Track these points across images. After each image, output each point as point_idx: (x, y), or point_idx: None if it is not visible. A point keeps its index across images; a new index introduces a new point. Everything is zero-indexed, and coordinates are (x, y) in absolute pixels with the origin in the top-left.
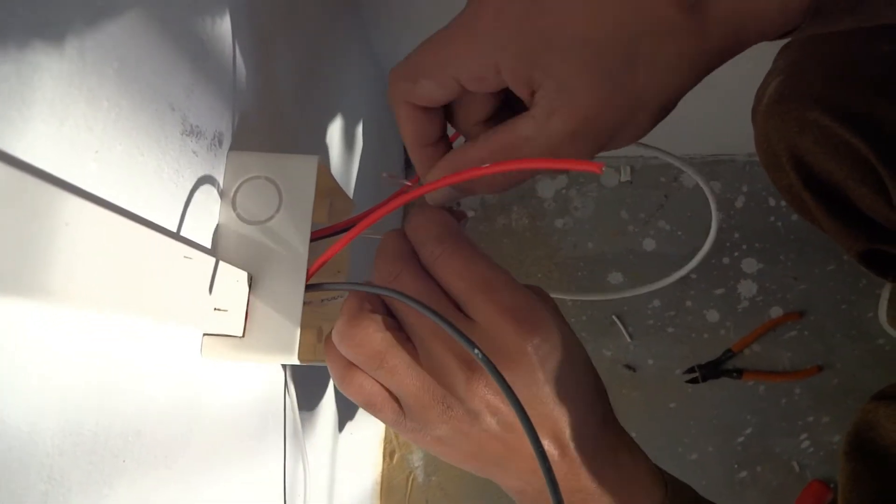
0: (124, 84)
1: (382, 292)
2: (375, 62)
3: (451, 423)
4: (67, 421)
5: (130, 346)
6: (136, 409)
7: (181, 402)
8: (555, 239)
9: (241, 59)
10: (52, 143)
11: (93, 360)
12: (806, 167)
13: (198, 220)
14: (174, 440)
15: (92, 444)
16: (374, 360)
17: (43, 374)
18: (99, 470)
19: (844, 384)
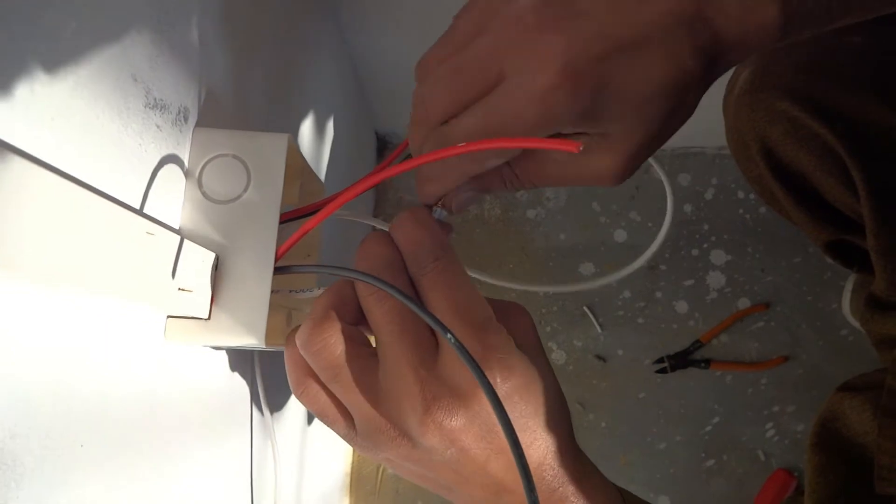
0: (82, 48)
1: (360, 277)
2: (348, 50)
3: (400, 450)
4: (19, 404)
5: (91, 328)
6: (96, 393)
7: (144, 387)
8: (527, 229)
9: (208, 33)
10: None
11: (49, 341)
12: (775, 158)
13: (161, 198)
14: (136, 425)
15: (47, 428)
16: (330, 371)
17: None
18: (55, 455)
19: (809, 374)
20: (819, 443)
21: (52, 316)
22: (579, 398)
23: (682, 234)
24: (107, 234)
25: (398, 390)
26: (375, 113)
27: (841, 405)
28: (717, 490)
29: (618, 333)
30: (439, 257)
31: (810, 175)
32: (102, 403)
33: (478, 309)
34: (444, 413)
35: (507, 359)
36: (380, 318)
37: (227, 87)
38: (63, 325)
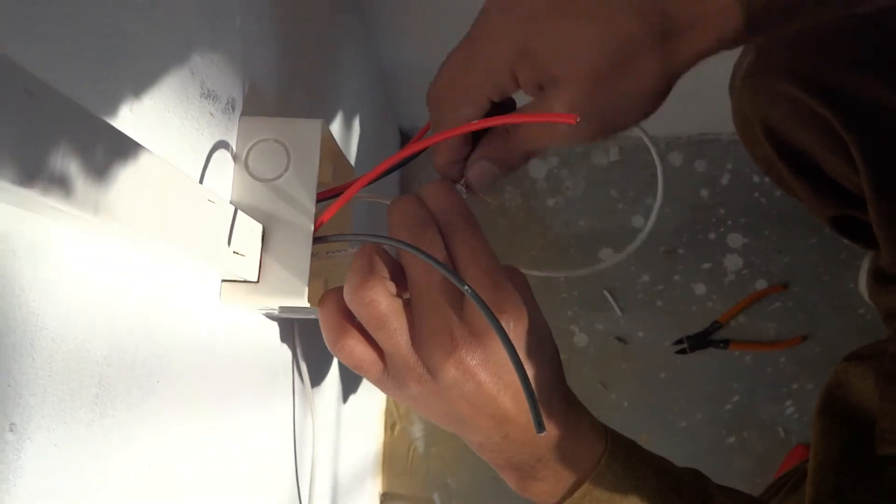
0: (153, 47)
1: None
2: (374, 50)
3: (425, 385)
4: (112, 340)
5: (162, 287)
6: (167, 341)
7: (203, 343)
8: (547, 217)
9: (252, 32)
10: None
11: (131, 295)
12: (779, 138)
13: (215, 176)
14: (197, 373)
15: (132, 362)
16: (379, 321)
17: (88, 298)
18: (138, 385)
19: (827, 353)
20: (824, 408)
21: (138, 273)
22: (601, 379)
23: (699, 219)
24: (180, 197)
25: (431, 333)
26: (399, 110)
27: (846, 373)
28: (738, 466)
29: (638, 316)
30: (468, 221)
31: (813, 153)
32: (172, 349)
33: (495, 266)
34: (466, 351)
35: (516, 307)
36: (417, 270)
37: (267, 80)
38: (146, 281)
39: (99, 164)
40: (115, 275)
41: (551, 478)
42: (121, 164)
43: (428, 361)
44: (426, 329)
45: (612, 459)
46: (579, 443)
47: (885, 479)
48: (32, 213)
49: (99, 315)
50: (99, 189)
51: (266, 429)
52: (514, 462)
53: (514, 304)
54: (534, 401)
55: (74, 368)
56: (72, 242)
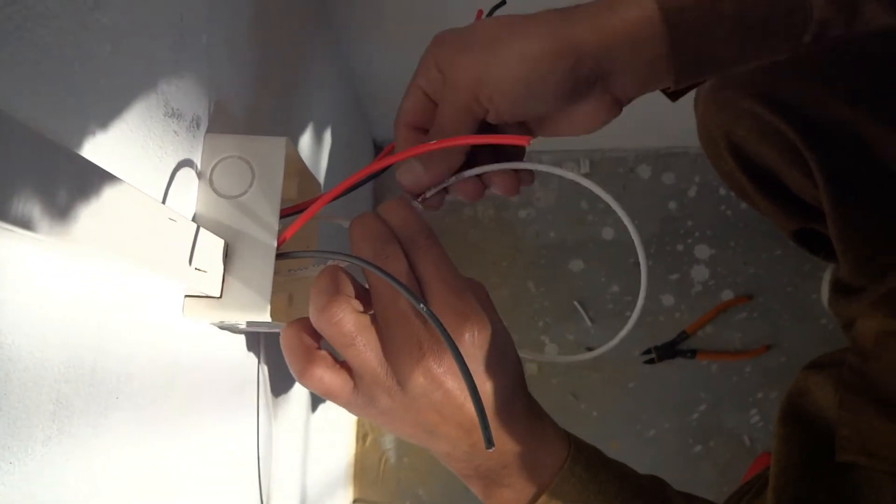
0: (115, 66)
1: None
2: (346, 63)
3: (394, 397)
4: (70, 355)
5: (125, 302)
6: (128, 355)
7: (165, 357)
8: (519, 229)
9: (217, 50)
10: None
11: (93, 309)
12: (742, 153)
13: (179, 193)
14: (159, 388)
15: (91, 377)
16: (347, 339)
17: (49, 313)
18: (97, 401)
19: (791, 362)
20: (785, 416)
21: (98, 288)
22: (571, 389)
23: (667, 230)
24: (140, 217)
25: (398, 344)
26: (372, 121)
27: (806, 381)
28: (705, 475)
29: (607, 326)
30: (429, 236)
31: (774, 168)
32: (132, 365)
33: (458, 279)
34: (433, 359)
35: (478, 318)
36: (381, 286)
37: (233, 97)
38: (106, 297)
39: (56, 188)
40: (73, 290)
41: (516, 484)
42: (79, 186)
43: (397, 372)
44: (394, 341)
45: (574, 464)
46: (543, 449)
47: (844, 487)
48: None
49: (57, 331)
50: (55, 211)
51: (231, 442)
52: (480, 471)
53: (475, 315)
54: (483, 416)
55: (31, 386)
56: (28, 259)
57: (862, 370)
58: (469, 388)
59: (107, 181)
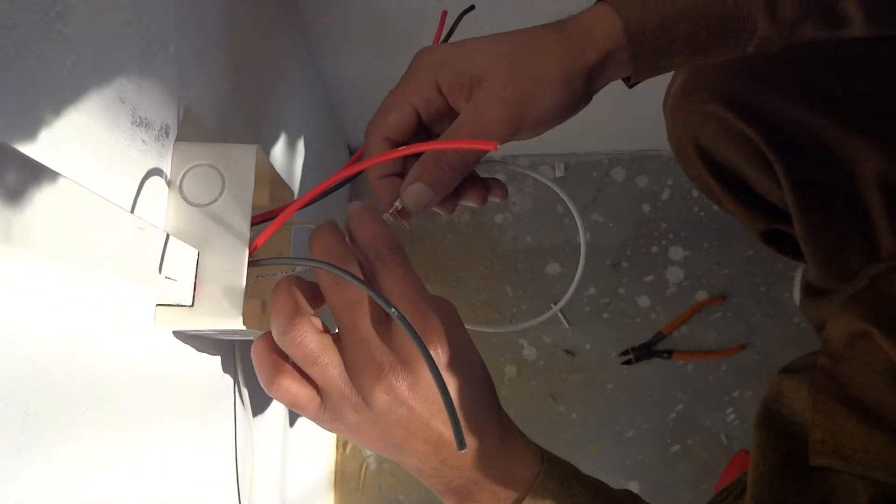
0: (80, 77)
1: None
2: (318, 70)
3: (360, 414)
4: (39, 365)
5: (95, 311)
6: (98, 364)
7: (137, 366)
8: (495, 233)
9: (187, 58)
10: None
11: (63, 318)
12: (709, 156)
13: (149, 202)
14: (131, 397)
15: (59, 387)
16: (310, 358)
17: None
18: (67, 411)
19: (765, 360)
20: (761, 421)
21: (65, 304)
22: (550, 391)
23: (641, 233)
24: (107, 227)
25: (359, 362)
26: (346, 127)
27: (781, 386)
28: (683, 473)
29: (585, 328)
30: (395, 252)
31: (741, 171)
32: (103, 374)
33: (423, 295)
34: (395, 376)
35: (443, 335)
36: (342, 304)
37: (204, 105)
38: (73, 311)
39: (21, 198)
40: (43, 299)
41: (489, 499)
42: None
43: (360, 390)
44: (355, 360)
45: (547, 478)
46: (515, 463)
47: (819, 491)
48: None
49: (26, 341)
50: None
51: (207, 451)
52: (452, 486)
53: (441, 332)
54: (455, 417)
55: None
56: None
57: (833, 372)
58: (440, 389)
59: (72, 191)
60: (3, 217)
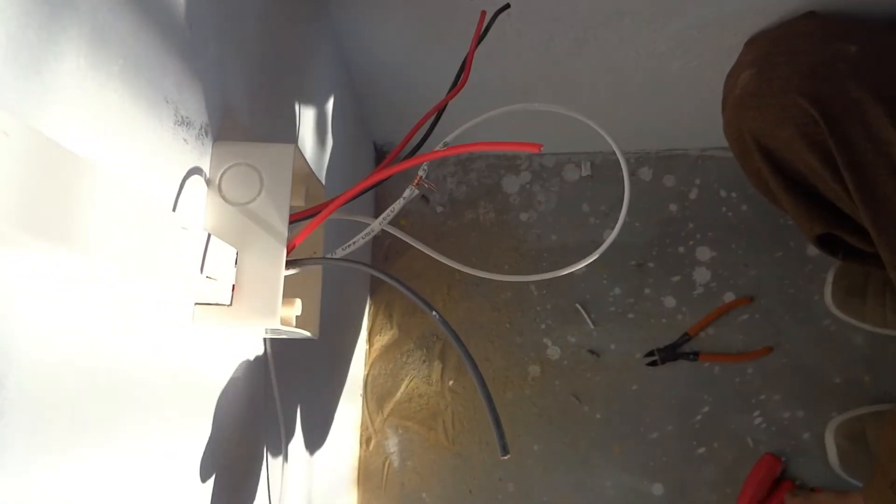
0: (127, 79)
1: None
2: (346, 68)
3: None
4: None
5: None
6: (141, 363)
7: (177, 363)
8: (520, 232)
9: (224, 58)
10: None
11: (107, 318)
12: (776, 156)
13: (189, 201)
14: (171, 394)
15: (105, 388)
16: None
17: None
18: (112, 410)
19: (793, 363)
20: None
21: (109, 304)
22: (574, 391)
23: (668, 233)
24: (152, 226)
25: None
26: (372, 125)
27: None
28: (708, 476)
29: (610, 329)
30: None
31: (811, 173)
32: (146, 372)
33: None
34: None
35: None
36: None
37: (240, 104)
38: (117, 311)
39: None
40: (88, 302)
41: None
42: (93, 197)
43: None
44: None
45: None
46: None
47: None
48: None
49: (73, 342)
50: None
51: (240, 446)
52: None
53: None
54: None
55: (48, 400)
56: (45, 271)
57: None
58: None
59: (120, 191)
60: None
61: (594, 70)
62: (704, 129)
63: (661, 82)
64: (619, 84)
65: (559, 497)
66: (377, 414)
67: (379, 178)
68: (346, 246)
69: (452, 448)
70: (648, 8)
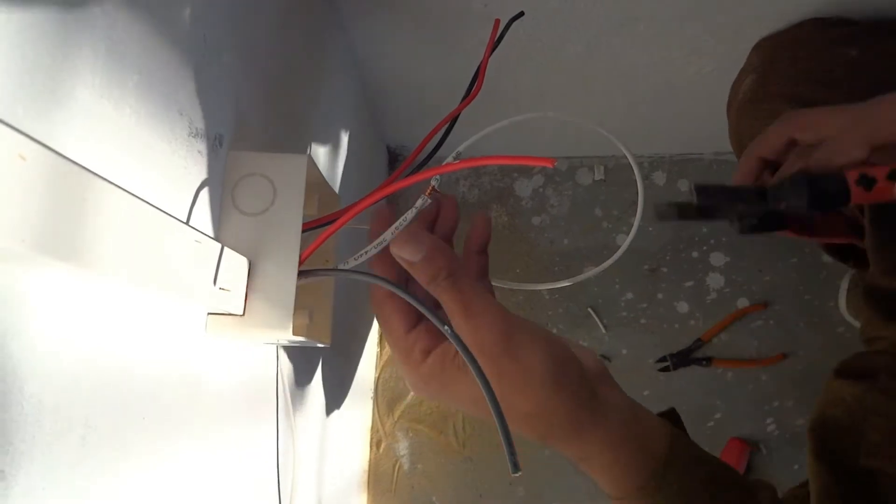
0: (141, 93)
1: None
2: (359, 73)
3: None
4: (98, 379)
5: (147, 321)
6: (153, 375)
7: (189, 375)
8: (532, 236)
9: (237, 68)
10: (87, 143)
11: (121, 331)
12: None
13: (203, 211)
14: (183, 406)
15: (118, 400)
16: None
17: (76, 337)
18: (124, 423)
19: (807, 370)
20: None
21: (121, 317)
22: None
23: (682, 237)
24: (166, 241)
25: None
26: (385, 129)
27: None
28: None
29: (621, 334)
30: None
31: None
32: (158, 385)
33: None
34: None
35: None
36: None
37: (254, 113)
38: (128, 324)
39: (84, 215)
40: (102, 315)
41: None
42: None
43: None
44: None
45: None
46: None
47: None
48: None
49: (86, 354)
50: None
51: (250, 454)
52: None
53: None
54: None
55: (62, 412)
56: (60, 286)
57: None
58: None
59: (135, 205)
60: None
61: (608, 75)
62: (719, 133)
63: (676, 87)
64: (633, 89)
65: (569, 502)
66: (388, 417)
67: (391, 190)
68: (357, 255)
69: (463, 452)
70: (662, 13)
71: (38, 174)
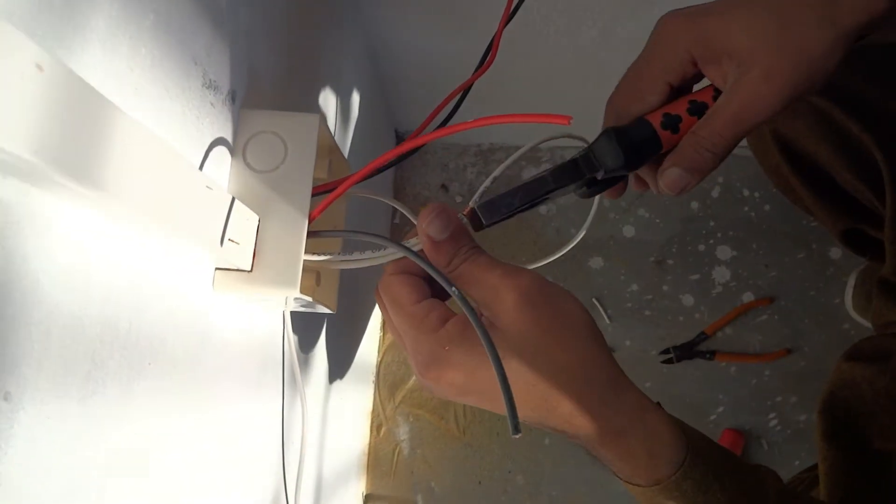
0: (158, 35)
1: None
2: (370, 53)
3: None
4: (107, 316)
5: (158, 268)
6: (161, 321)
7: (196, 328)
8: (539, 224)
9: (254, 25)
10: (102, 75)
11: (130, 272)
12: (794, 150)
13: (213, 165)
14: (188, 358)
15: (125, 340)
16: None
17: (89, 273)
18: (129, 365)
19: (811, 366)
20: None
21: (134, 253)
22: None
23: (688, 230)
24: (176, 180)
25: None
26: (395, 112)
27: (852, 374)
28: None
29: (626, 325)
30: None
31: (828, 166)
32: (165, 330)
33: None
34: None
35: None
36: None
37: (267, 74)
38: (141, 263)
39: (100, 140)
40: (111, 252)
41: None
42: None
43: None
44: None
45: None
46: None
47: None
48: (36, 187)
49: (95, 290)
50: (101, 166)
51: (254, 419)
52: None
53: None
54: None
55: (69, 343)
56: (72, 217)
57: None
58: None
59: (149, 140)
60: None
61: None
62: None
63: None
64: None
65: (568, 491)
66: (389, 401)
67: (402, 150)
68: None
69: (463, 438)
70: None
71: (54, 87)
